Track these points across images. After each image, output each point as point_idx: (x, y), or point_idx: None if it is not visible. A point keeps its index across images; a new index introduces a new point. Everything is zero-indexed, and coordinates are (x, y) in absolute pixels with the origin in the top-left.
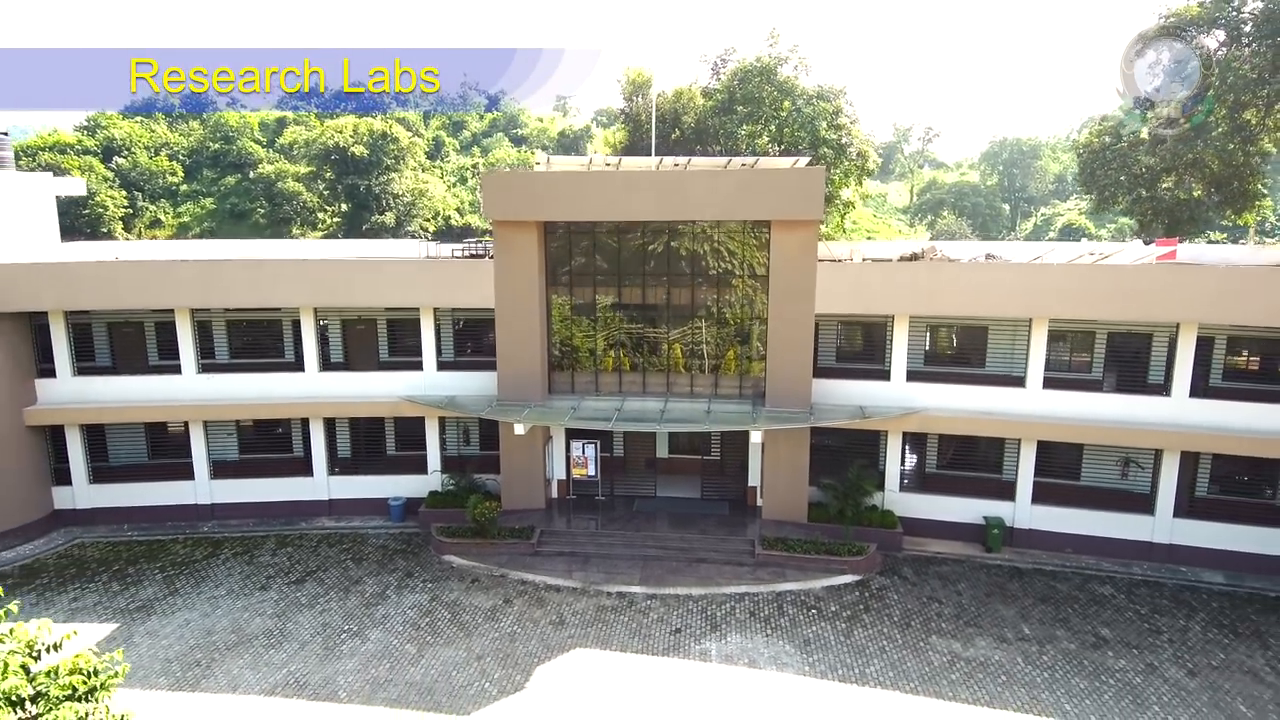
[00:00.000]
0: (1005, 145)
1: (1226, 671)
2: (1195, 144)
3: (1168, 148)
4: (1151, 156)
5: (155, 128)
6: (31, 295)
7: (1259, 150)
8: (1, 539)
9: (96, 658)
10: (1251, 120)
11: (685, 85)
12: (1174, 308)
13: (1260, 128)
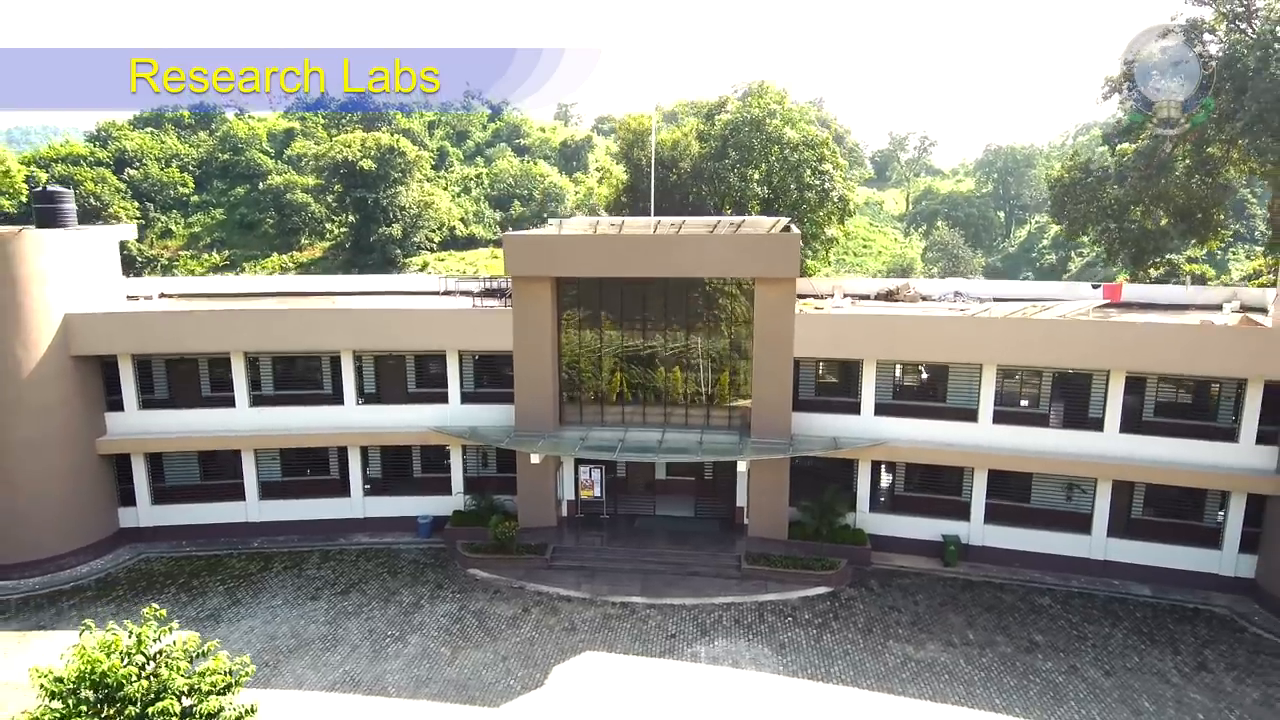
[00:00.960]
0: (1000, 154)
1: (1138, 673)
2: (1159, 180)
3: (1134, 181)
4: (1119, 188)
5: (165, 139)
6: (105, 341)
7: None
8: (75, 555)
9: (230, 661)
10: (1215, 153)
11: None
12: (1099, 356)
13: (1224, 159)
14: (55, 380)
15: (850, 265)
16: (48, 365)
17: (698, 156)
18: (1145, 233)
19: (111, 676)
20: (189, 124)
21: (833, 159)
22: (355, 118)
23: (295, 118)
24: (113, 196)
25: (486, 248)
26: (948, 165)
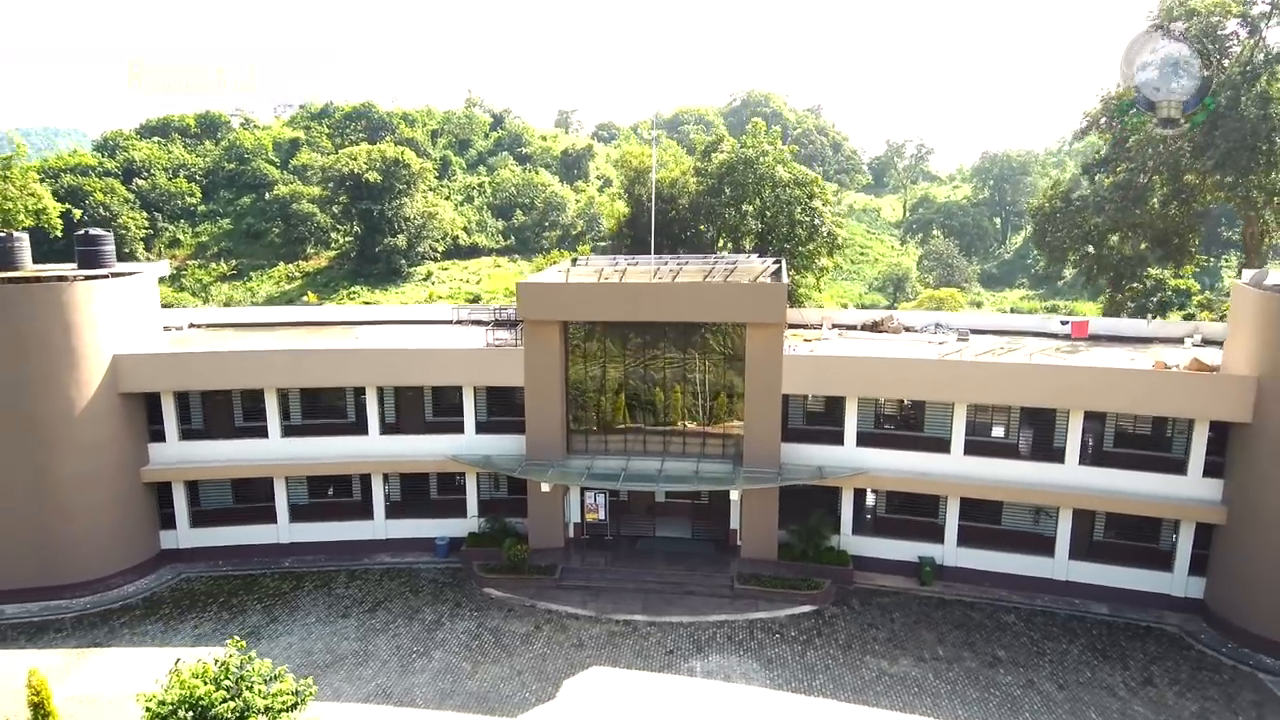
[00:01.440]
0: (996, 161)
1: (1089, 687)
2: (1135, 209)
3: (1112, 210)
4: (1099, 217)
5: (172, 149)
6: (150, 379)
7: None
8: (122, 575)
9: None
10: (1192, 180)
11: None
12: (1058, 397)
13: (1200, 187)
14: (105, 416)
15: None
16: (98, 403)
17: (695, 193)
18: (1123, 258)
19: (206, 699)
20: (195, 133)
21: (822, 195)
22: (359, 126)
23: (300, 127)
24: (121, 207)
25: (489, 256)
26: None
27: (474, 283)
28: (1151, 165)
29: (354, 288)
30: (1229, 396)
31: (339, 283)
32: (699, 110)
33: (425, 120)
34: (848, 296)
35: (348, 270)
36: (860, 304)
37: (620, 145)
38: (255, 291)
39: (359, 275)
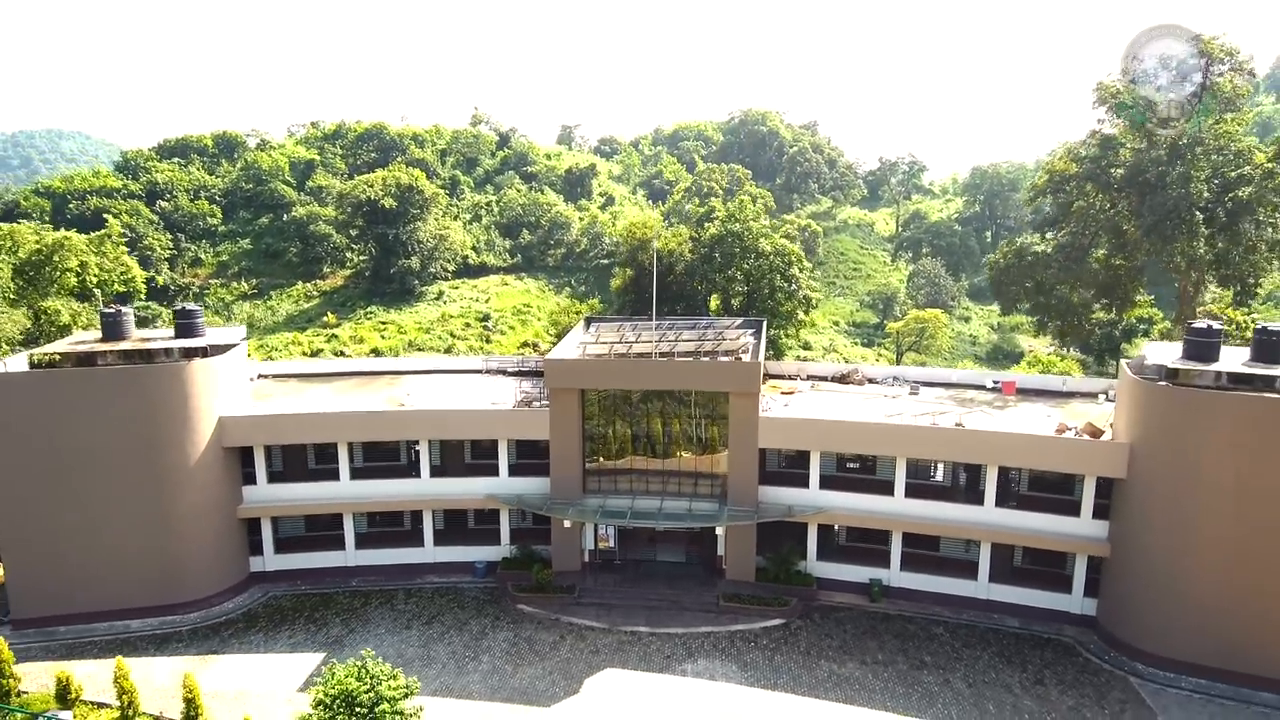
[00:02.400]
0: (986, 176)
1: (992, 685)
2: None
3: (1059, 265)
4: (1049, 269)
5: (193, 170)
6: (247, 435)
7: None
8: (222, 594)
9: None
10: (1132, 233)
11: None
12: (976, 455)
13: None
14: (211, 465)
15: (841, 288)
16: (207, 455)
17: (690, 260)
18: (1070, 307)
19: (354, 690)
20: (212, 153)
21: (799, 264)
22: (371, 147)
23: (314, 148)
24: (147, 229)
25: (497, 275)
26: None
27: (483, 301)
28: (1093, 229)
29: (370, 307)
30: (1108, 458)
31: (355, 302)
32: (699, 125)
33: (434, 140)
34: (840, 314)
35: (363, 290)
36: (852, 320)
37: (622, 161)
38: (275, 310)
39: (374, 295)
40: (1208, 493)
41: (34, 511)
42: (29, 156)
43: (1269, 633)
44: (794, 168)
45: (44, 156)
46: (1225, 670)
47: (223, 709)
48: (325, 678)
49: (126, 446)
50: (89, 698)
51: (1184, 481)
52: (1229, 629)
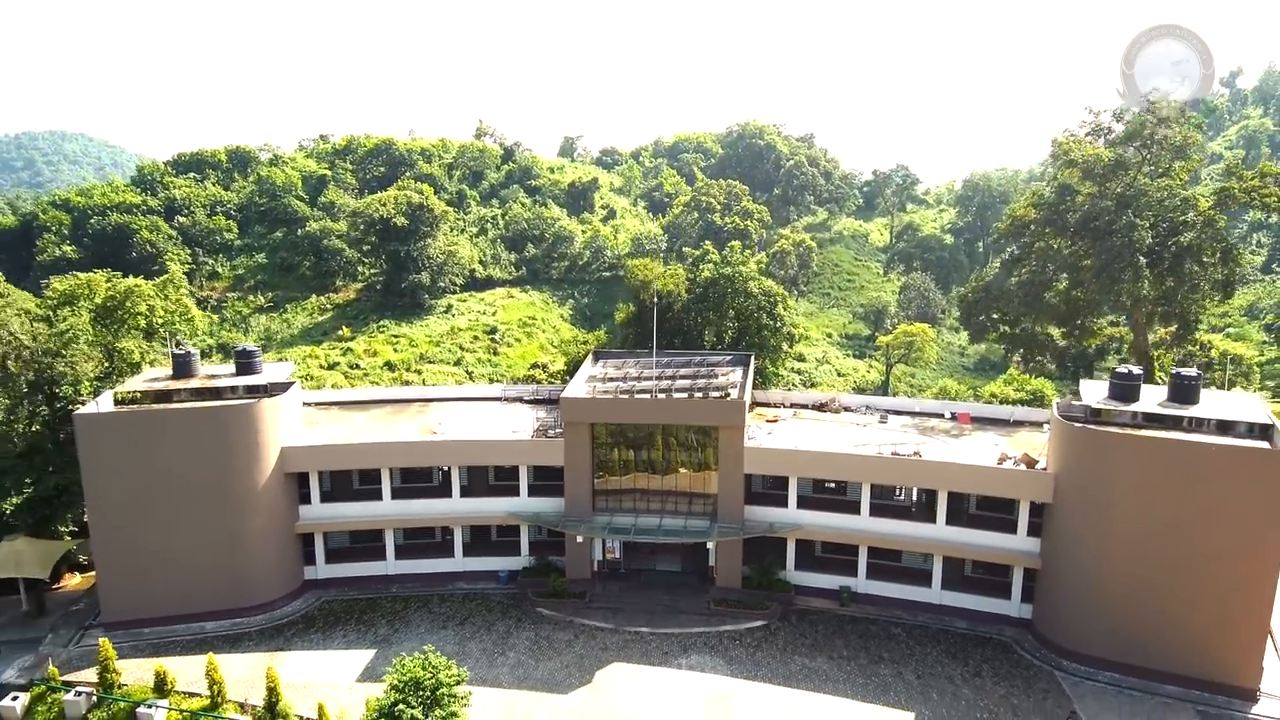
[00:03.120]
0: (978, 188)
1: (937, 677)
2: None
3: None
4: (1012, 303)
5: (208, 185)
6: (305, 463)
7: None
8: (281, 599)
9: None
10: (1086, 269)
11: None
12: (927, 481)
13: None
14: (275, 488)
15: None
16: (272, 480)
17: (686, 299)
18: (1033, 337)
19: (421, 678)
20: (226, 167)
21: (783, 303)
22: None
23: (325, 164)
24: (166, 243)
25: (503, 288)
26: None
27: (490, 314)
28: (1052, 268)
29: (382, 321)
30: (1038, 485)
31: (368, 315)
32: (698, 137)
33: (440, 154)
34: (833, 326)
35: (375, 303)
36: (844, 333)
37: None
38: (291, 323)
39: (386, 308)
40: (1118, 517)
41: (123, 528)
42: (32, 158)
43: (1170, 636)
44: (790, 180)
45: (47, 158)
46: (1135, 666)
47: (295, 697)
48: (395, 667)
49: (203, 473)
50: (180, 689)
51: (1099, 507)
52: (1138, 632)
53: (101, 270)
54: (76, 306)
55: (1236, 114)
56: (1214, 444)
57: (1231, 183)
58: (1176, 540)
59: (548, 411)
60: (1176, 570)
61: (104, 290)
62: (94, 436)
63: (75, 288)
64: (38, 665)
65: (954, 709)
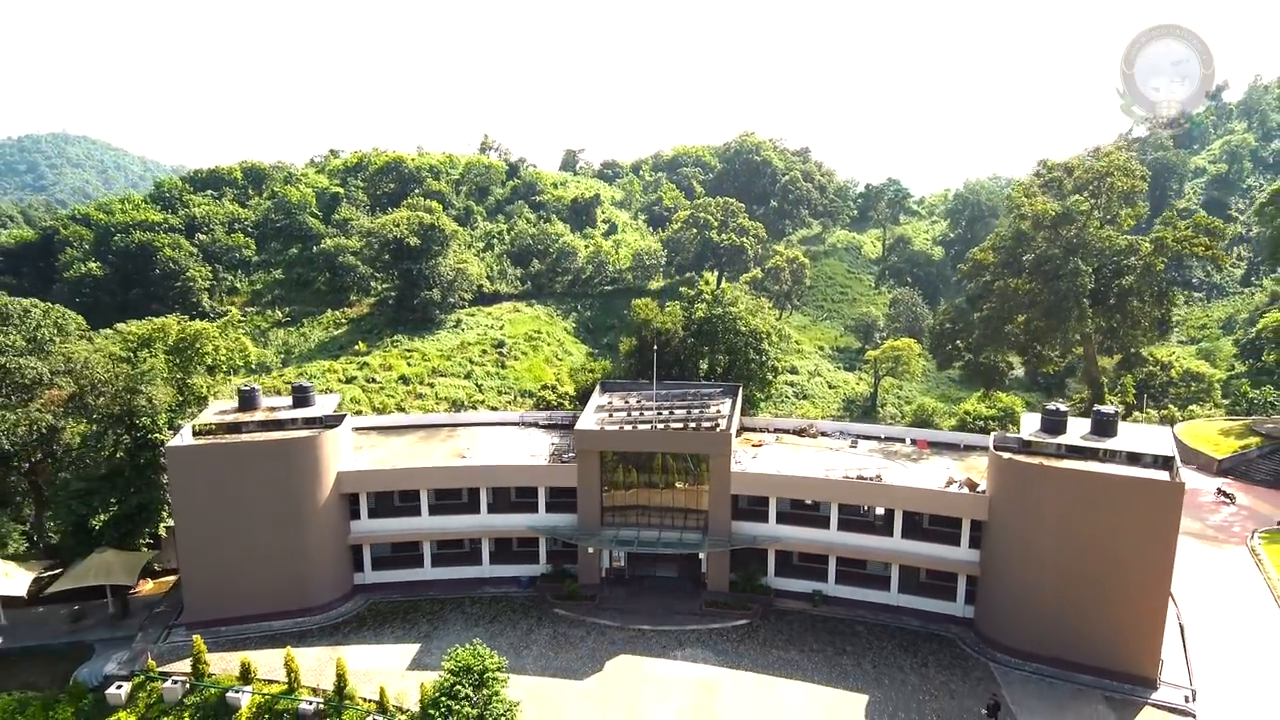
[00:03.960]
0: (968, 202)
1: (889, 666)
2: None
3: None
4: (974, 335)
5: (225, 203)
6: (356, 485)
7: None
8: (335, 601)
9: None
10: (1041, 301)
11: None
12: (884, 501)
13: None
14: (331, 507)
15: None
16: (330, 499)
17: (682, 335)
18: (993, 367)
19: (472, 665)
20: (241, 185)
21: (769, 339)
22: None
23: (338, 181)
24: (188, 260)
25: (509, 302)
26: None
27: (497, 328)
28: (1009, 305)
29: (396, 335)
30: (975, 506)
31: (382, 330)
32: (697, 150)
33: (448, 170)
34: (825, 339)
35: (388, 317)
36: (836, 346)
37: (624, 186)
38: (308, 337)
39: (398, 323)
40: (1041, 534)
41: (204, 541)
42: (35, 161)
43: (1084, 633)
44: (786, 195)
45: (50, 162)
46: (1056, 659)
47: (357, 682)
48: (451, 655)
49: (272, 494)
50: (259, 677)
51: (1024, 525)
52: (1058, 630)
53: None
54: (153, 348)
55: (1222, 128)
56: (1118, 475)
57: (1166, 232)
58: (1089, 553)
59: (561, 436)
60: (1089, 578)
61: (176, 332)
62: (181, 465)
63: (151, 331)
64: (135, 659)
65: (901, 692)
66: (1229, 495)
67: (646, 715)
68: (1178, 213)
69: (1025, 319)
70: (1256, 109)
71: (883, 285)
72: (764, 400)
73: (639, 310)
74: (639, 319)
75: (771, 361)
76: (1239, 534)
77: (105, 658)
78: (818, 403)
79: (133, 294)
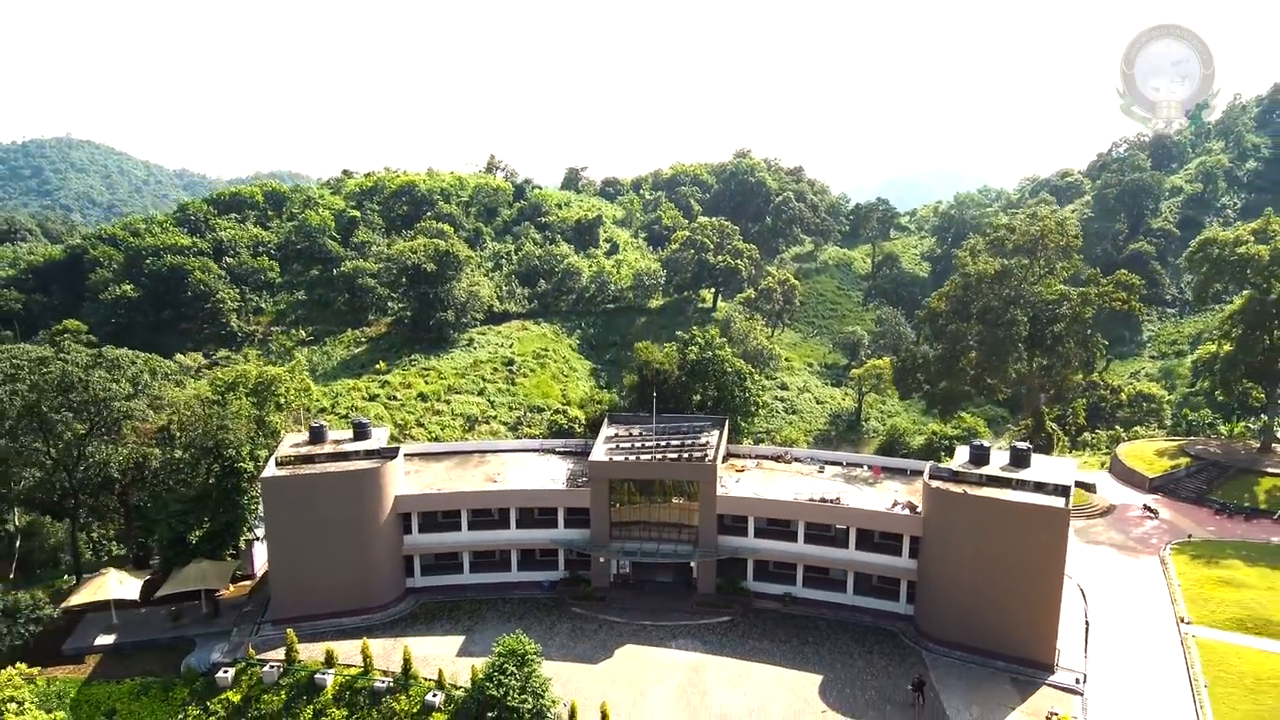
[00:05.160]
0: (953, 221)
1: (842, 654)
2: (951, 371)
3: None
4: (931, 371)
5: (249, 226)
6: (411, 506)
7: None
8: (393, 601)
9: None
10: (985, 340)
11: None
12: (840, 520)
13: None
14: (390, 524)
15: (819, 327)
16: (389, 518)
17: (678, 374)
18: (949, 397)
19: (516, 648)
20: (262, 207)
21: (752, 379)
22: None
23: (353, 204)
24: (217, 283)
25: (517, 320)
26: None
27: (507, 346)
28: (960, 346)
29: (413, 355)
30: (912, 524)
31: (400, 349)
32: (695, 169)
33: (457, 192)
34: (814, 356)
35: (404, 336)
36: (824, 362)
37: (624, 205)
38: (330, 355)
39: (415, 342)
40: (962, 547)
41: (289, 551)
42: (40, 166)
43: (997, 627)
44: (779, 214)
45: (54, 167)
46: (975, 647)
47: (419, 666)
48: (500, 642)
49: (344, 514)
50: (340, 662)
51: (950, 540)
52: (976, 624)
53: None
54: (237, 390)
55: (1200, 146)
56: (1019, 501)
57: (1090, 288)
58: (999, 563)
59: (575, 463)
60: (999, 584)
61: (255, 377)
62: (273, 491)
63: (236, 377)
64: (235, 648)
65: (849, 673)
66: (1153, 511)
67: (648, 692)
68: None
69: (974, 356)
70: (1233, 130)
71: (870, 304)
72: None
73: (640, 352)
74: (641, 360)
75: (754, 397)
76: (1154, 545)
77: (208, 648)
78: (806, 417)
79: (164, 314)
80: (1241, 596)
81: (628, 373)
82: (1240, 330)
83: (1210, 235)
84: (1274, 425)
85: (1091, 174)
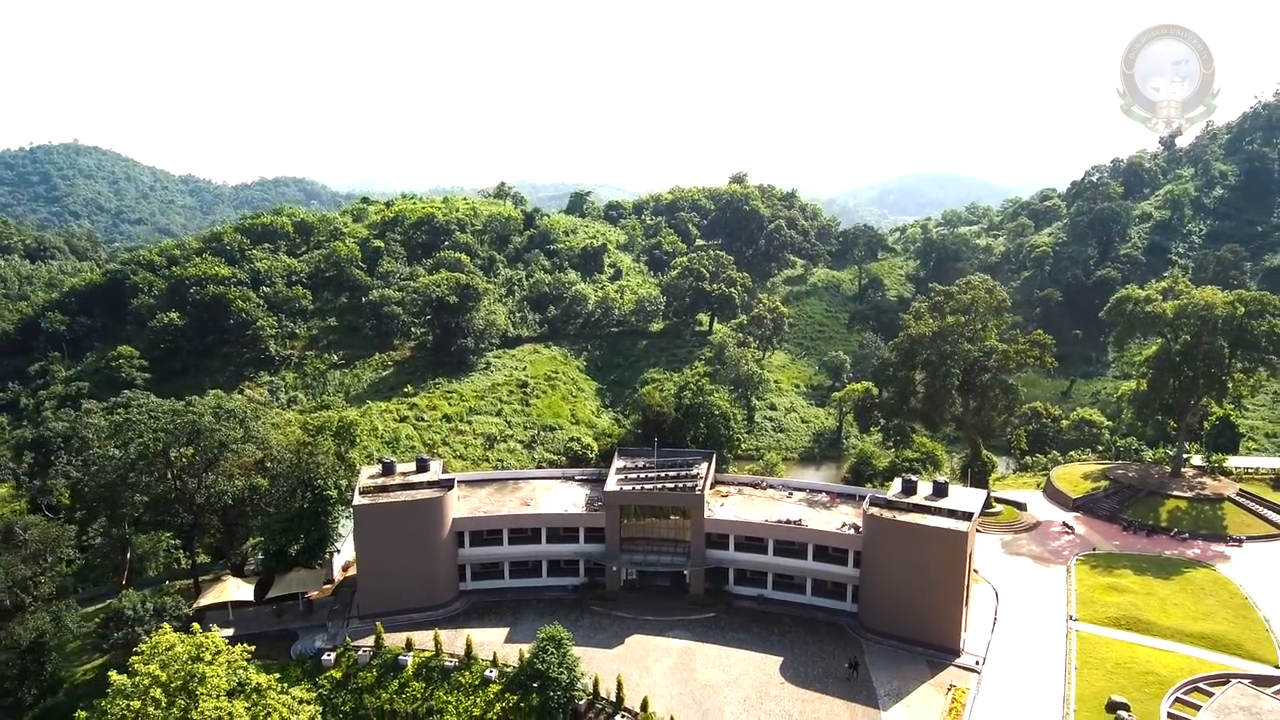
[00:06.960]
0: (935, 246)
1: (799, 642)
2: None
3: (891, 401)
4: (885, 409)
5: (281, 256)
6: (464, 526)
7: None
8: (450, 601)
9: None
10: (927, 386)
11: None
12: (800, 539)
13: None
14: (449, 539)
15: (808, 348)
16: (449, 536)
17: (674, 415)
18: (900, 430)
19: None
20: (292, 236)
21: (734, 419)
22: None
23: (375, 233)
24: (257, 312)
25: (529, 344)
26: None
27: (520, 369)
28: (905, 391)
29: (436, 378)
30: (855, 542)
31: (424, 373)
32: (693, 193)
33: (472, 222)
34: (801, 378)
35: (427, 360)
36: (811, 384)
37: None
38: (360, 378)
39: (438, 365)
40: (890, 559)
41: (373, 561)
42: (48, 173)
43: (916, 620)
44: (772, 240)
45: (62, 173)
46: (900, 636)
47: (476, 650)
48: (543, 631)
49: (415, 532)
50: (416, 647)
51: (882, 554)
52: (901, 618)
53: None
54: (324, 433)
55: (1170, 174)
56: (930, 525)
57: (1009, 346)
58: (918, 572)
59: (591, 489)
60: (918, 587)
61: (336, 421)
62: (361, 515)
63: (323, 421)
64: (333, 637)
65: (803, 655)
66: (1070, 527)
67: (651, 669)
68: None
69: (920, 397)
70: (1202, 158)
71: (855, 328)
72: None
73: (645, 395)
74: (645, 402)
75: (736, 435)
76: (1065, 557)
77: (310, 638)
78: (792, 435)
79: (208, 340)
80: (1122, 600)
81: (632, 410)
82: (1152, 373)
83: (1125, 294)
84: (1183, 453)
85: (1068, 198)
